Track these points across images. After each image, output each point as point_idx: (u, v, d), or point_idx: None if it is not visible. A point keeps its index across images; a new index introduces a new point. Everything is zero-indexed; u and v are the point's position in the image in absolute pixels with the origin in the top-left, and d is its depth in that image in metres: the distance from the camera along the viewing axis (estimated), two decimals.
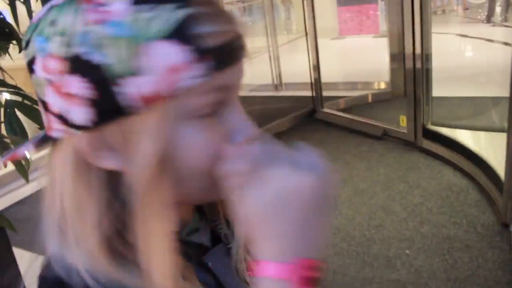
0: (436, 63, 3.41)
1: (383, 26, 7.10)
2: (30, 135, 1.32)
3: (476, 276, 2.06)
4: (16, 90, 1.35)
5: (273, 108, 4.91)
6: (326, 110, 4.27)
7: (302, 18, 4.38)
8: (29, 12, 1.35)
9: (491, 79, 4.92)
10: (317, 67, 4.21)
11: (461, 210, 2.57)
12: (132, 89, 0.35)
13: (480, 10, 9.10)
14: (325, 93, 4.33)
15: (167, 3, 0.35)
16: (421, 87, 3.22)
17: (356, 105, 4.49)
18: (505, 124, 2.32)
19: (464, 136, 3.22)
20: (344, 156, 3.47)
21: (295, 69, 4.28)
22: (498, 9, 8.67)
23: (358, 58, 6.78)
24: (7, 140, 1.25)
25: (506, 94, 2.31)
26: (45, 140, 0.40)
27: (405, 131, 3.50)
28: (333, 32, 7.99)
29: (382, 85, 4.84)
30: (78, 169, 0.39)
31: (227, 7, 6.12)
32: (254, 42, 5.49)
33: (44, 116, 0.40)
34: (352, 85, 5.06)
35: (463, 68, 5.75)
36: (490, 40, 6.77)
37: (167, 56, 0.35)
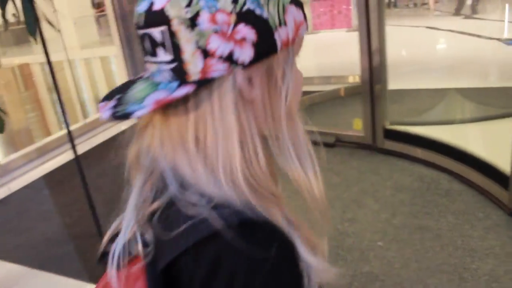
0: (406, 56, 3.44)
1: (356, 21, 7.15)
2: None
3: (447, 265, 2.09)
4: None
5: None
6: None
7: None
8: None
9: (461, 71, 5.01)
10: None
11: (432, 200, 2.61)
12: (280, 36, 0.49)
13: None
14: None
15: None
16: (381, 85, 3.12)
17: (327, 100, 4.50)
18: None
19: (429, 130, 3.17)
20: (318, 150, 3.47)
21: None
22: (469, 2, 8.83)
23: (331, 53, 6.82)
24: None
25: (480, 85, 2.33)
26: (200, 84, 0.47)
27: (361, 134, 3.36)
28: None
29: (356, 79, 4.88)
30: (238, 101, 0.49)
31: None
32: None
33: (200, 62, 0.47)
34: (325, 79, 5.08)
35: (432, 61, 5.84)
36: (461, 33, 6.89)
37: (295, 15, 0.51)
